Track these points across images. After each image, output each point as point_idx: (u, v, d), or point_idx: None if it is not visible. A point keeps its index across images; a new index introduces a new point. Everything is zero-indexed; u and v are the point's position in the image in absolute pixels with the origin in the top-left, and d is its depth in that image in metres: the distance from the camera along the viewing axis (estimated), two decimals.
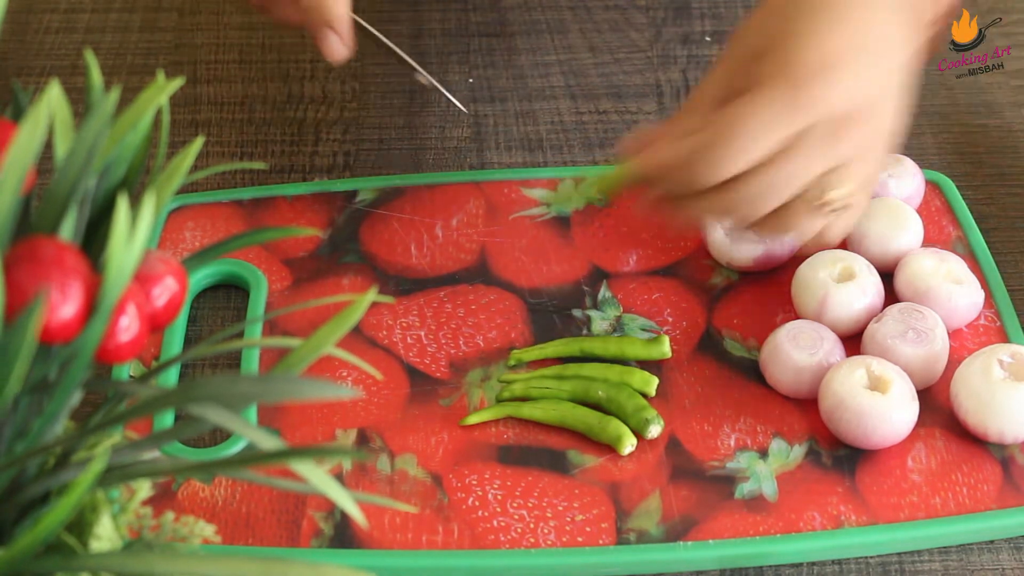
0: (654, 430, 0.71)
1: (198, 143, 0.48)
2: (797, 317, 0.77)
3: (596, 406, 0.73)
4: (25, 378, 0.42)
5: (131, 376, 0.74)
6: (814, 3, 0.69)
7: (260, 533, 0.68)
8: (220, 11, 1.01)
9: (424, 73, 0.82)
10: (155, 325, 0.45)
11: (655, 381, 0.74)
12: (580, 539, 0.68)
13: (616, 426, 0.71)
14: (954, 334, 0.76)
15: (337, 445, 0.71)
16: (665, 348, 0.75)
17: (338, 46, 0.76)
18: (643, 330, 0.77)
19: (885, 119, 0.70)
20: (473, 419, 0.72)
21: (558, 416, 0.72)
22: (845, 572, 0.68)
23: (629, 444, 0.71)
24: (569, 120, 0.92)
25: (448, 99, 0.83)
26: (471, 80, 0.94)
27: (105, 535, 0.47)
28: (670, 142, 0.69)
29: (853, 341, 0.75)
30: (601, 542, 0.68)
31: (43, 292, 0.40)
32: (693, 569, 0.68)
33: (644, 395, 0.74)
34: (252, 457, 0.43)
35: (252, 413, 0.73)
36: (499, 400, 0.74)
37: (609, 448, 0.71)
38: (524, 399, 0.73)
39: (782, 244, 0.79)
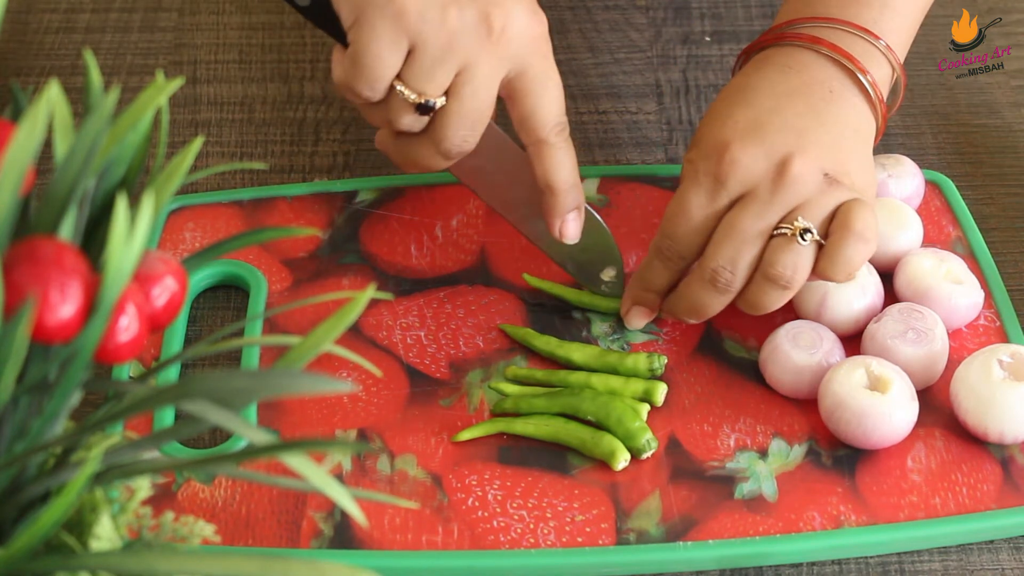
0: (646, 456, 0.71)
1: (198, 143, 0.48)
2: (797, 317, 0.76)
3: (588, 421, 0.72)
4: (18, 379, 0.42)
5: (131, 376, 0.74)
6: (727, 95, 0.75)
7: (260, 533, 0.68)
8: (220, 11, 1.01)
9: None
10: (155, 325, 0.45)
11: (663, 388, 0.73)
12: (580, 539, 0.68)
13: (609, 441, 0.70)
14: (954, 334, 0.76)
15: (330, 440, 0.71)
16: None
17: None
18: (642, 331, 0.77)
19: (817, 157, 0.71)
20: (465, 436, 0.72)
21: (551, 432, 0.72)
22: (845, 572, 0.68)
23: (623, 459, 0.70)
24: (569, 120, 0.92)
25: None
26: None
27: (105, 535, 0.47)
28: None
29: (853, 341, 0.75)
30: (601, 542, 0.68)
31: (33, 295, 0.40)
32: (693, 569, 0.68)
33: (649, 402, 0.73)
34: (246, 452, 0.43)
35: (252, 414, 0.73)
36: (493, 413, 0.73)
37: None
38: (516, 414, 0.73)
39: None
